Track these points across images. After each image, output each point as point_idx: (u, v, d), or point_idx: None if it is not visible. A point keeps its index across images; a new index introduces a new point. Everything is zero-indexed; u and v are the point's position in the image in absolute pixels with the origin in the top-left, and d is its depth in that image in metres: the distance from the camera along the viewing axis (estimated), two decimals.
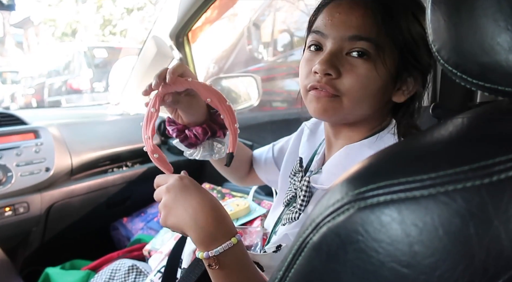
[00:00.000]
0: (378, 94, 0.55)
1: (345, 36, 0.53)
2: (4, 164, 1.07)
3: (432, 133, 0.30)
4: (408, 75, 0.55)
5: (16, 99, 8.77)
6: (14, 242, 1.17)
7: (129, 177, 1.39)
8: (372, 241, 0.25)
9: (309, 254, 0.29)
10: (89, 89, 6.93)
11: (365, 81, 0.53)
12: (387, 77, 0.54)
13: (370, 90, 0.54)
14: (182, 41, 1.50)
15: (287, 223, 0.61)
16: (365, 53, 0.53)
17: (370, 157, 0.30)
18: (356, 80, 0.53)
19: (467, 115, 0.30)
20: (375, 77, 0.53)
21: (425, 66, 0.55)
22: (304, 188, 0.60)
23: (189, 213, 0.51)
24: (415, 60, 0.54)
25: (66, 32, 12.38)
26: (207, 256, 0.49)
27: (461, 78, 0.31)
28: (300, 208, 0.60)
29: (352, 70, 0.53)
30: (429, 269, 0.23)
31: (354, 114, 0.57)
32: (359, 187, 0.27)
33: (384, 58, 0.52)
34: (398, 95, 0.56)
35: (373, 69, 0.52)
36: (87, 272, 1.05)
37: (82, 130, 1.35)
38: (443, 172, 0.24)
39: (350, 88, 0.53)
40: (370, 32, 0.52)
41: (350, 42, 0.53)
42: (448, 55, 0.32)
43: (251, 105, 1.76)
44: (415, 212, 0.24)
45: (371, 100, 0.55)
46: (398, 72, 0.54)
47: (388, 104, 0.59)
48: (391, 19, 0.52)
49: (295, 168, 0.67)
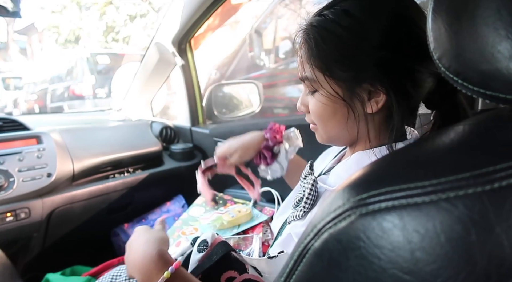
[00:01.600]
0: (336, 117, 0.58)
1: (300, 80, 0.62)
2: (6, 169, 1.07)
3: (433, 140, 0.30)
4: (369, 84, 0.53)
5: (18, 105, 8.81)
6: (15, 247, 1.17)
7: (130, 183, 1.39)
8: (373, 248, 0.25)
9: (310, 261, 0.29)
10: (91, 95, 6.96)
11: (318, 112, 0.59)
12: (337, 101, 0.56)
13: (325, 117, 0.59)
14: (185, 48, 1.51)
15: (293, 221, 0.63)
16: (311, 91, 0.60)
17: (371, 163, 0.30)
18: (312, 113, 0.61)
19: (468, 123, 0.31)
20: (322, 106, 0.58)
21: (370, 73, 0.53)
22: (309, 186, 0.61)
23: (134, 254, 0.58)
24: (353, 73, 0.54)
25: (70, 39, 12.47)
26: None
27: (462, 85, 0.31)
28: (305, 205, 0.60)
29: (309, 105, 0.61)
30: (431, 276, 0.23)
31: (336, 137, 0.62)
32: (360, 193, 0.27)
33: (323, 88, 0.56)
34: (369, 107, 0.55)
35: (317, 100, 0.58)
36: (88, 278, 1.04)
37: (84, 136, 1.36)
38: (445, 179, 0.24)
39: (314, 119, 0.62)
40: (303, 72, 0.59)
41: (303, 84, 0.62)
42: (449, 63, 0.32)
43: (253, 111, 1.77)
44: (417, 219, 0.24)
45: (334, 124, 0.59)
46: (351, 90, 0.55)
47: (376, 117, 0.57)
48: (310, 51, 0.56)
49: (305, 171, 0.67)
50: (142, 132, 1.56)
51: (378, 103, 0.54)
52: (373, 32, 0.52)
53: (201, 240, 0.66)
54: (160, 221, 0.68)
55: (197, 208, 1.15)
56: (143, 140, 1.52)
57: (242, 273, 0.62)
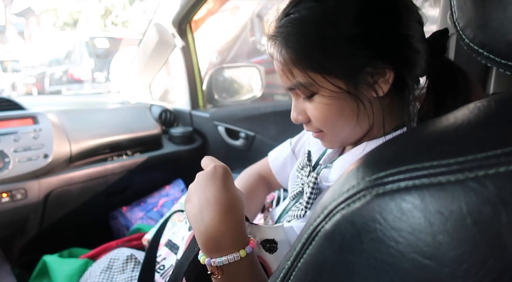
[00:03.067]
0: (344, 114, 0.52)
1: (287, 90, 0.56)
2: (2, 149, 1.05)
3: (456, 117, 0.27)
4: (370, 67, 0.50)
5: (17, 88, 8.74)
6: (11, 229, 1.16)
7: (129, 166, 1.37)
8: (391, 230, 0.23)
9: (320, 244, 0.27)
10: (90, 79, 6.91)
11: (322, 116, 0.53)
12: (341, 96, 0.51)
13: (332, 119, 0.53)
14: (185, 29, 1.47)
15: (293, 220, 0.59)
16: (308, 96, 0.53)
17: (389, 141, 0.28)
18: (315, 120, 0.55)
19: (493, 98, 0.28)
20: (326, 108, 0.52)
21: (364, 56, 0.49)
22: (311, 185, 0.58)
23: (201, 204, 0.46)
24: (349, 58, 0.50)
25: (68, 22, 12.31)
26: (209, 263, 0.45)
27: (488, 58, 0.29)
28: (307, 205, 0.57)
29: (309, 111, 0.55)
30: (455, 262, 0.21)
31: (348, 136, 0.56)
32: (377, 171, 0.25)
33: (323, 87, 0.51)
34: (378, 90, 0.52)
35: (319, 103, 0.52)
36: (85, 260, 1.03)
37: (81, 118, 1.33)
38: (473, 156, 0.22)
39: (319, 125, 0.55)
40: (294, 79, 0.52)
41: (293, 93, 0.56)
42: (474, 33, 0.29)
43: (254, 96, 1.73)
44: (440, 199, 0.22)
45: (343, 123, 0.54)
46: (354, 79, 0.51)
47: (384, 102, 0.54)
48: (296, 54, 0.51)
49: (302, 161, 0.64)
50: (141, 115, 1.53)
51: (388, 81, 0.50)
52: (350, 10, 0.48)
53: None
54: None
55: None
56: (142, 123, 1.49)
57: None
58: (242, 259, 0.44)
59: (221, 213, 0.45)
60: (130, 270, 0.81)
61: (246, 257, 0.45)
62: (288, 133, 1.27)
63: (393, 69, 0.50)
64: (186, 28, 1.48)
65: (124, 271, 0.81)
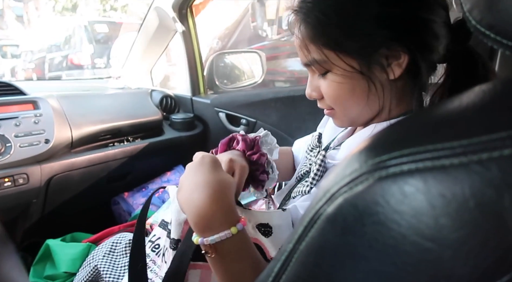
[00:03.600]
0: (355, 94, 0.53)
1: (304, 66, 0.57)
2: (3, 134, 1.05)
3: (461, 99, 0.27)
4: (386, 49, 0.50)
5: (16, 73, 8.70)
6: (14, 213, 1.17)
7: (130, 151, 1.37)
8: (393, 213, 0.23)
9: (322, 226, 0.27)
10: (90, 64, 6.86)
11: (334, 94, 0.55)
12: (354, 75, 0.52)
13: (343, 97, 0.54)
14: (186, 13, 1.45)
15: (298, 196, 0.60)
16: (322, 73, 0.54)
17: (392, 124, 0.28)
18: (328, 97, 0.56)
19: (499, 81, 0.28)
20: (338, 86, 0.53)
21: (384, 36, 0.50)
22: (318, 162, 0.59)
23: (191, 188, 0.48)
24: (367, 39, 0.50)
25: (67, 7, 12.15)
26: (202, 243, 0.46)
27: (495, 41, 0.28)
28: (312, 182, 0.58)
29: (322, 89, 0.56)
30: (457, 243, 0.21)
31: (358, 117, 0.57)
32: (380, 154, 0.25)
33: (336, 66, 0.52)
34: (391, 73, 0.52)
35: (332, 81, 0.54)
36: (88, 244, 1.04)
37: (82, 103, 1.32)
38: (477, 139, 0.22)
39: (331, 103, 0.57)
40: (309, 55, 0.53)
41: (309, 68, 0.57)
42: (481, 15, 0.29)
43: (255, 82, 1.72)
44: (443, 182, 0.22)
45: (354, 102, 0.55)
46: (368, 59, 0.51)
47: (397, 85, 0.54)
48: (314, 30, 0.51)
49: (312, 142, 0.65)
50: (141, 101, 1.53)
51: (401, 66, 0.50)
52: None
53: None
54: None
55: None
56: (142, 109, 1.49)
57: None
58: (234, 236, 0.45)
59: (210, 194, 0.46)
60: None
61: (237, 234, 0.46)
62: (290, 120, 1.27)
63: (408, 53, 0.50)
64: (187, 13, 1.46)
65: (126, 255, 0.82)
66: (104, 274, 0.80)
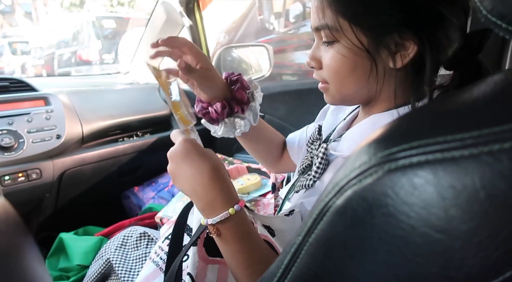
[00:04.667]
0: (356, 73, 0.53)
1: (313, 29, 0.56)
2: (16, 129, 1.07)
3: (470, 91, 0.27)
4: (398, 36, 0.50)
5: (26, 70, 8.80)
6: (28, 207, 1.19)
7: (139, 146, 1.38)
8: (402, 205, 0.23)
9: (331, 219, 0.27)
10: (98, 60, 6.90)
11: (335, 66, 0.54)
12: (360, 53, 0.51)
13: (343, 73, 0.54)
14: (192, 7, 1.45)
15: (301, 190, 0.60)
16: (329, 41, 0.53)
17: (401, 116, 0.28)
18: (328, 68, 0.55)
19: (510, 72, 0.28)
20: (341, 59, 0.53)
21: (399, 19, 0.49)
22: (320, 155, 0.58)
23: (189, 182, 0.52)
24: (380, 21, 0.50)
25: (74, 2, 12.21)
26: (207, 224, 0.51)
27: (507, 30, 0.28)
28: (315, 175, 0.58)
29: (324, 59, 0.55)
30: (467, 235, 0.21)
31: (352, 97, 0.57)
32: (389, 147, 0.25)
33: (346, 37, 0.51)
34: (397, 61, 0.51)
35: (336, 53, 0.53)
36: (100, 238, 1.06)
37: (92, 99, 1.34)
38: (488, 130, 0.22)
39: (327, 76, 0.56)
40: (323, 19, 0.52)
41: (318, 34, 0.55)
42: (492, 4, 0.28)
43: (262, 76, 1.71)
44: (453, 174, 0.22)
45: (352, 81, 0.54)
46: (378, 40, 0.50)
47: (399, 74, 0.53)
48: None
49: (313, 135, 0.65)
50: (150, 96, 1.54)
51: (407, 56, 0.50)
52: None
53: None
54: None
55: None
56: (151, 104, 1.50)
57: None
58: (232, 216, 0.50)
59: (206, 183, 0.51)
60: (144, 247, 0.83)
61: (235, 215, 0.50)
62: (297, 114, 1.27)
63: (417, 45, 0.49)
64: (194, 7, 1.45)
65: (138, 248, 0.83)
66: (116, 266, 0.81)
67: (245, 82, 0.71)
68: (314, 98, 0.83)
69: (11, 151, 1.05)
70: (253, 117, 0.72)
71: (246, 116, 0.71)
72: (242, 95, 0.70)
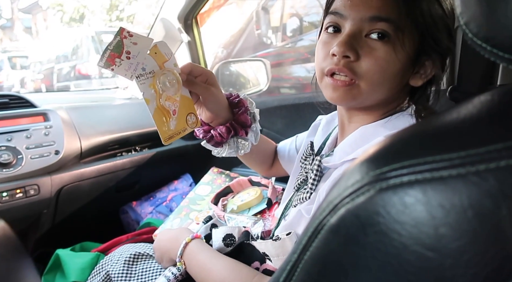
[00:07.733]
0: (397, 78, 0.53)
1: (365, 17, 0.51)
2: (14, 146, 1.07)
3: (458, 112, 0.28)
4: (427, 58, 0.53)
5: (25, 84, 8.84)
6: (25, 223, 1.19)
7: (137, 161, 1.39)
8: (394, 223, 0.24)
9: (326, 237, 0.28)
10: (97, 74, 6.95)
11: (384, 64, 0.51)
12: (406, 60, 0.52)
13: (388, 73, 0.52)
14: (191, 24, 1.47)
15: (299, 204, 0.61)
16: (385, 35, 0.51)
17: (391, 136, 0.29)
18: (374, 63, 0.51)
19: (497, 92, 0.29)
20: (394, 60, 0.51)
21: (444, 49, 0.54)
22: (315, 168, 0.59)
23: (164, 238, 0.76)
24: (435, 43, 0.52)
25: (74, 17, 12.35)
26: (178, 261, 0.67)
27: (491, 53, 0.29)
28: (311, 187, 0.59)
29: (371, 52, 0.51)
30: (456, 253, 0.22)
31: (371, 99, 0.56)
32: (380, 166, 0.26)
33: (403, 41, 0.51)
34: (416, 79, 0.55)
35: (392, 52, 0.51)
36: (97, 254, 1.05)
37: (90, 114, 1.35)
38: (475, 151, 0.22)
39: (368, 71, 0.52)
40: (391, 13, 0.50)
41: (370, 24, 0.51)
42: (477, 28, 0.29)
43: (260, 90, 1.73)
44: (442, 193, 0.23)
45: (389, 84, 0.53)
46: (417, 55, 0.53)
47: (406, 88, 0.57)
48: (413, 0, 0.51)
49: (306, 152, 0.66)
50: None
51: (426, 77, 0.54)
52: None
53: (227, 234, 0.67)
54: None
55: (203, 187, 1.15)
56: (149, 118, 1.49)
57: (262, 263, 0.63)
58: (189, 244, 0.67)
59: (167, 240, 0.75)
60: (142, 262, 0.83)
61: (192, 242, 0.67)
62: (295, 127, 1.28)
63: (435, 72, 0.54)
64: (192, 23, 1.48)
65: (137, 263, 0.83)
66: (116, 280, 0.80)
67: (246, 104, 0.73)
68: (311, 112, 0.84)
69: (9, 167, 1.05)
70: (254, 137, 0.74)
71: (249, 138, 0.73)
72: (246, 119, 0.72)
